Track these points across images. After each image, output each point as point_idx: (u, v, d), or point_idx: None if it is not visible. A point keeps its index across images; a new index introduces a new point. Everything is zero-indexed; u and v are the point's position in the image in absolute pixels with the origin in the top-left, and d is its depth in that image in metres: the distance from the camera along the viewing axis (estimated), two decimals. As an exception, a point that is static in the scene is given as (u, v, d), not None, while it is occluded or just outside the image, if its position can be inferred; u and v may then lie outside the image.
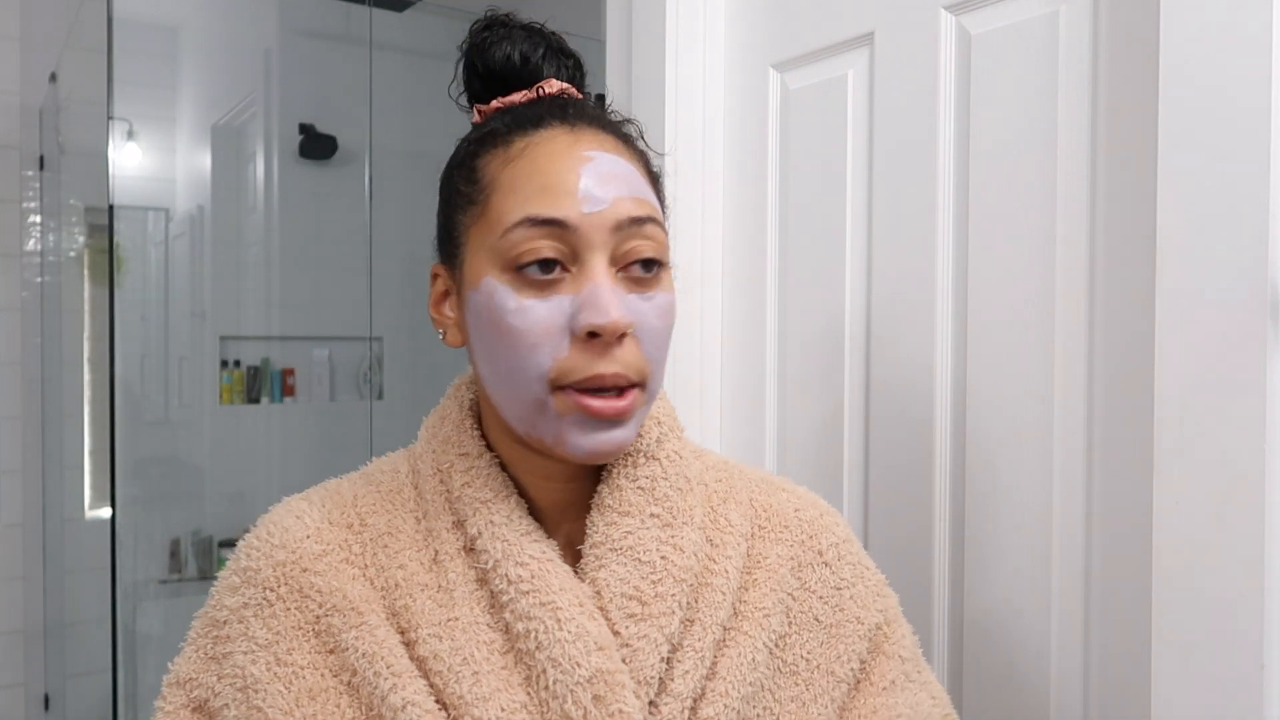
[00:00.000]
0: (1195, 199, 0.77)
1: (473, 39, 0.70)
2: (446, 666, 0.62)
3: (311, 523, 0.69)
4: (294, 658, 0.64)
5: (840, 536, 0.75)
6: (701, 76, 1.30)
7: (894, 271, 1.09)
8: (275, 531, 0.69)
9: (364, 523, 0.69)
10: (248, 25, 2.86)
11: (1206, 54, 0.76)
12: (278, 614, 0.66)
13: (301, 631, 0.65)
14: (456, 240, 0.67)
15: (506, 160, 0.64)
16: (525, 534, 0.65)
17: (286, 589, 0.66)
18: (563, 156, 0.62)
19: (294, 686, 0.63)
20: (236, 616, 0.67)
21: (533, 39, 0.69)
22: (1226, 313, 0.75)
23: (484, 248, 0.63)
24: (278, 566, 0.67)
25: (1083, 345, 0.92)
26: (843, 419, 1.15)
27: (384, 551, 0.67)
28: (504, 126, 0.66)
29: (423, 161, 2.96)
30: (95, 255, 2.45)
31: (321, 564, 0.66)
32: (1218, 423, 0.75)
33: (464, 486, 0.67)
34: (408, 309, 3.03)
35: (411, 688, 0.61)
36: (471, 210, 0.65)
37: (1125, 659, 0.88)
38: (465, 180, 0.66)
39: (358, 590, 0.65)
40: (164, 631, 2.62)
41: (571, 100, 0.68)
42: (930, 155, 1.04)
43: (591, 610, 0.63)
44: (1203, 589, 0.76)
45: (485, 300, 0.62)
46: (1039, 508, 0.95)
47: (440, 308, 0.70)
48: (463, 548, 0.66)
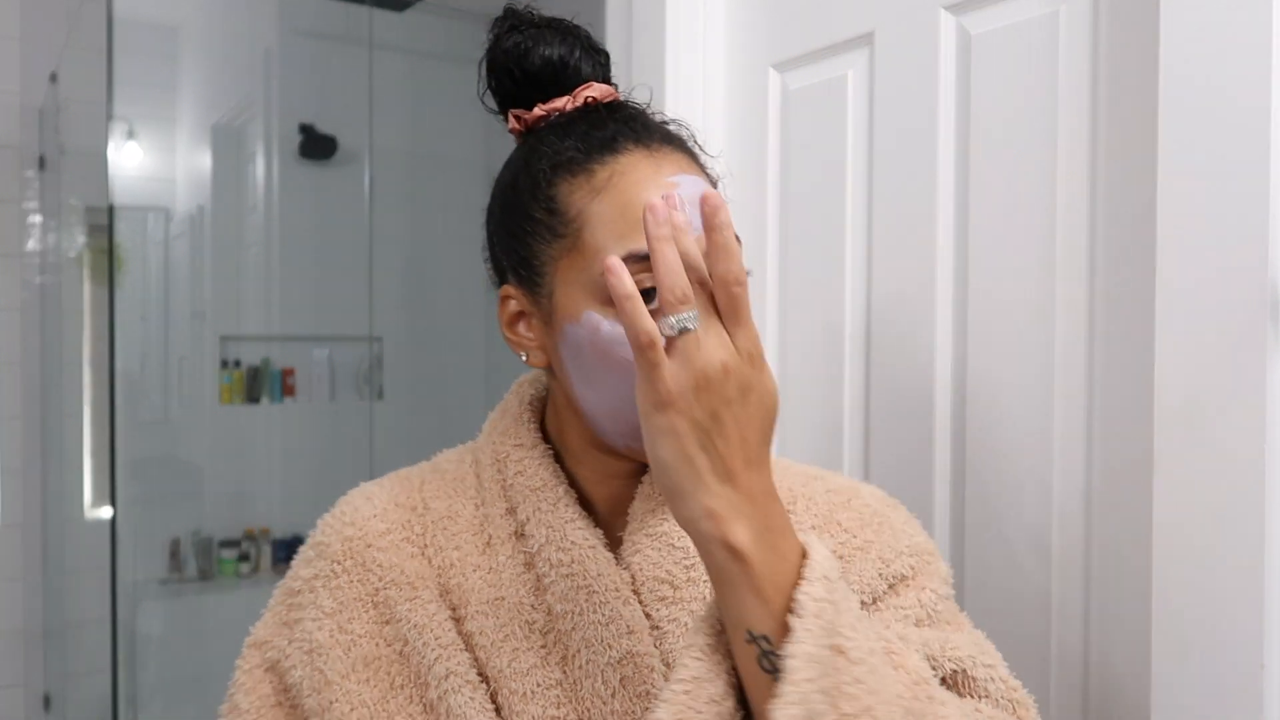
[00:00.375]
0: (1195, 199, 0.77)
1: (501, 42, 0.69)
2: (490, 641, 0.67)
3: (379, 504, 0.75)
4: (354, 626, 0.70)
5: (867, 511, 0.74)
6: (701, 76, 1.30)
7: (894, 272, 1.09)
8: (347, 511, 0.75)
9: (427, 506, 0.74)
10: (248, 25, 2.86)
11: (1206, 54, 0.76)
12: (342, 585, 0.71)
13: (362, 602, 0.70)
14: (538, 269, 0.67)
15: (592, 191, 0.64)
16: (569, 521, 0.68)
17: (352, 562, 0.72)
18: (649, 186, 0.64)
19: (352, 653, 0.69)
20: (308, 586, 0.73)
21: (566, 39, 0.69)
22: (1226, 313, 0.75)
23: (580, 282, 0.64)
24: (345, 542, 0.73)
25: (1083, 345, 0.92)
26: (843, 419, 1.15)
27: (443, 533, 0.72)
28: (578, 153, 0.66)
29: (423, 161, 2.96)
30: (95, 255, 2.45)
31: (384, 541, 0.72)
32: (1218, 423, 0.76)
33: (516, 475, 0.71)
34: (408, 309, 3.03)
35: (455, 659, 0.66)
36: (559, 243, 0.65)
37: (1125, 659, 0.88)
38: (545, 210, 0.66)
39: (415, 567, 0.70)
40: (164, 631, 2.62)
41: (636, 115, 0.69)
42: (930, 155, 1.04)
43: (627, 595, 0.66)
44: (1203, 589, 0.76)
45: (590, 334, 0.63)
46: (1039, 508, 0.95)
47: (515, 329, 0.71)
48: (513, 533, 0.70)
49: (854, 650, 0.52)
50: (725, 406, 0.53)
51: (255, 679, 0.73)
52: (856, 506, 0.75)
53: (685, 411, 0.52)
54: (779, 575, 0.53)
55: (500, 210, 0.71)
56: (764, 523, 0.53)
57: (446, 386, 3.12)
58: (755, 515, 0.53)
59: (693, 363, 0.52)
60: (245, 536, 2.79)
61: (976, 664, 0.65)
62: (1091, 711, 0.91)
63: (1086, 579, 0.92)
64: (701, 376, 0.52)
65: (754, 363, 0.54)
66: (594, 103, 0.69)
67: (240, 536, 2.79)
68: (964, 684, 0.65)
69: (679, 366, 0.52)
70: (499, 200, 0.71)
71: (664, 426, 0.53)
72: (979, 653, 0.66)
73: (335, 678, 0.68)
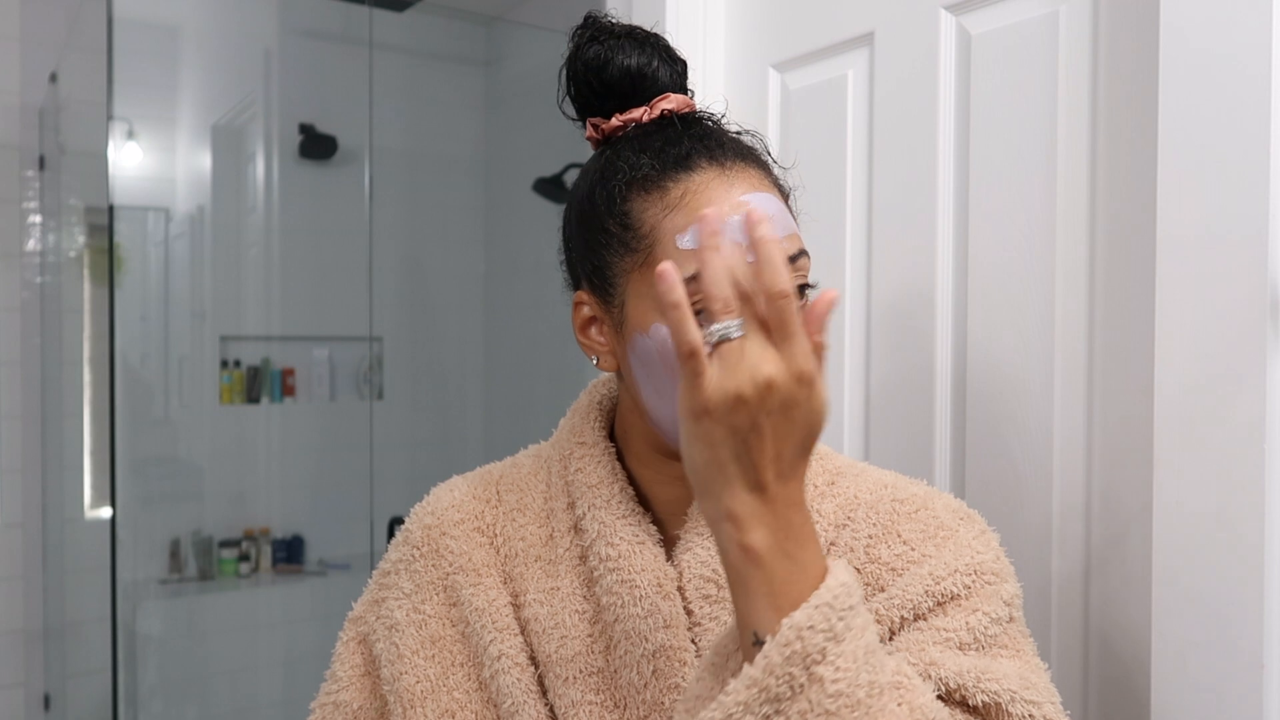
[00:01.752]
0: (1195, 199, 0.77)
1: (582, 52, 0.70)
2: (542, 628, 0.72)
3: (459, 495, 0.80)
4: (426, 607, 0.76)
5: (934, 521, 0.72)
6: (701, 76, 1.30)
7: (894, 271, 1.09)
8: (431, 501, 0.81)
9: (500, 498, 0.79)
10: (248, 25, 2.86)
11: (1206, 53, 0.76)
12: (419, 570, 0.78)
13: (434, 586, 0.77)
14: (610, 280, 0.69)
15: (665, 209, 0.66)
16: (622, 517, 0.71)
17: (428, 548, 0.78)
18: (722, 205, 0.65)
19: (423, 632, 0.75)
20: (394, 569, 0.80)
21: (645, 49, 0.70)
22: (1226, 313, 0.75)
23: (651, 295, 0.66)
24: (425, 530, 0.79)
25: (1083, 345, 0.92)
26: (843, 422, 1.15)
27: (511, 524, 0.77)
28: (653, 170, 0.67)
29: (423, 161, 2.96)
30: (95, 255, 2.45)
31: (458, 530, 0.78)
32: (1218, 423, 0.76)
33: (577, 472, 0.74)
34: (408, 309, 3.03)
35: (508, 643, 0.72)
36: (631, 257, 0.67)
37: (1125, 659, 0.88)
38: (619, 225, 0.68)
39: (482, 555, 0.76)
40: (164, 631, 2.62)
41: (710, 131, 0.70)
42: (930, 155, 1.04)
43: (669, 591, 0.69)
44: (1203, 589, 0.76)
45: (660, 346, 0.65)
46: (1039, 508, 0.95)
47: (588, 333, 0.73)
48: (571, 527, 0.74)
49: (836, 683, 0.52)
50: (765, 418, 0.52)
51: (350, 650, 0.81)
52: (923, 518, 0.72)
53: (721, 421, 0.52)
54: (794, 584, 0.53)
55: (576, 220, 0.72)
56: (785, 531, 0.54)
57: (446, 386, 3.13)
58: (777, 523, 0.54)
59: (734, 374, 0.52)
60: (245, 536, 2.79)
61: (1016, 699, 0.62)
62: (1092, 710, 0.91)
63: (1086, 579, 0.92)
64: (741, 389, 0.52)
65: (802, 381, 0.53)
66: (670, 115, 0.70)
67: (240, 536, 2.79)
68: (996, 717, 0.63)
69: (720, 376, 0.53)
70: (575, 209, 0.73)
71: (699, 433, 0.53)
72: (1023, 688, 0.63)
73: (407, 653, 0.74)
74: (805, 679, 0.52)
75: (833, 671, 0.52)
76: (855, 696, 0.52)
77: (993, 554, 0.70)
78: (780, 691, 0.52)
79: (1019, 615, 0.70)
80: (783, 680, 0.51)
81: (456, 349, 3.09)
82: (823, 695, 0.52)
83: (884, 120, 1.10)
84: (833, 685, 0.52)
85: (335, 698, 0.79)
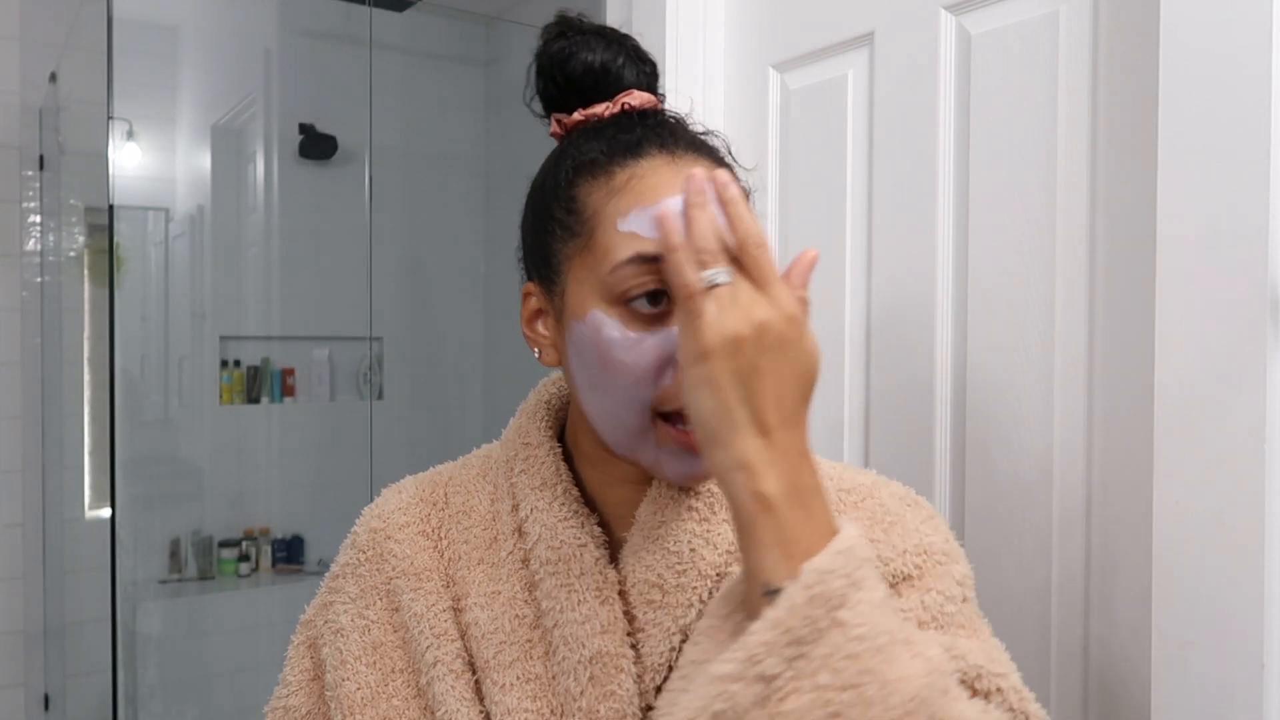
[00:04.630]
0: (1195, 199, 0.77)
1: (548, 47, 0.70)
2: (482, 633, 0.70)
3: (406, 498, 0.78)
4: (369, 613, 0.74)
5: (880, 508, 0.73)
6: (701, 76, 1.30)
7: (894, 271, 1.09)
8: (379, 504, 0.80)
9: (448, 500, 0.77)
10: (248, 25, 2.86)
11: (1206, 53, 0.76)
12: (363, 574, 0.76)
13: (377, 591, 0.75)
14: (555, 267, 0.68)
15: (610, 193, 0.65)
16: (564, 520, 0.69)
17: (373, 552, 0.76)
18: (666, 189, 0.63)
19: (365, 638, 0.73)
20: (342, 573, 0.78)
21: (611, 46, 0.70)
22: (1226, 312, 0.75)
23: (589, 280, 0.64)
24: (371, 533, 0.77)
25: (1083, 345, 0.92)
26: (843, 421, 1.15)
27: (456, 527, 0.75)
28: (602, 155, 0.66)
29: (423, 161, 2.96)
30: (95, 255, 2.45)
31: (402, 534, 0.76)
32: (1218, 423, 0.76)
33: (520, 474, 0.73)
34: (408, 309, 3.03)
35: (445, 649, 0.70)
36: (574, 241, 0.66)
37: (1125, 659, 0.88)
38: (564, 210, 0.67)
39: (425, 559, 0.74)
40: (164, 631, 2.62)
41: (665, 122, 0.69)
42: (930, 155, 1.04)
43: (608, 595, 0.67)
44: (1203, 589, 0.76)
45: (592, 333, 0.64)
46: (1039, 508, 0.95)
47: (534, 326, 0.72)
48: (515, 529, 0.72)
49: (859, 627, 0.52)
50: (763, 358, 0.54)
51: (300, 654, 0.79)
52: (869, 506, 0.73)
53: (723, 361, 0.54)
54: (806, 534, 0.54)
55: (529, 210, 0.72)
56: (795, 480, 0.54)
57: (446, 386, 3.13)
58: (787, 471, 0.54)
59: (729, 316, 0.55)
60: (245, 536, 2.79)
61: (984, 674, 0.63)
62: (1092, 710, 0.91)
63: (1087, 579, 0.92)
64: (739, 329, 0.54)
65: (792, 322, 0.55)
66: (630, 109, 0.69)
67: (240, 536, 2.79)
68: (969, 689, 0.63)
69: (717, 319, 0.55)
70: (529, 200, 0.72)
71: (703, 376, 0.55)
72: (988, 661, 0.64)
73: (349, 659, 0.73)
74: (828, 622, 0.51)
75: (855, 616, 0.52)
76: (877, 643, 0.52)
77: (941, 536, 0.71)
78: (803, 634, 0.51)
79: (972, 595, 0.71)
80: (806, 622, 0.51)
81: (456, 349, 3.09)
82: (845, 639, 0.51)
83: (884, 120, 1.10)
84: (855, 629, 0.51)
85: (285, 702, 0.78)
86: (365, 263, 2.81)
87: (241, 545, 2.78)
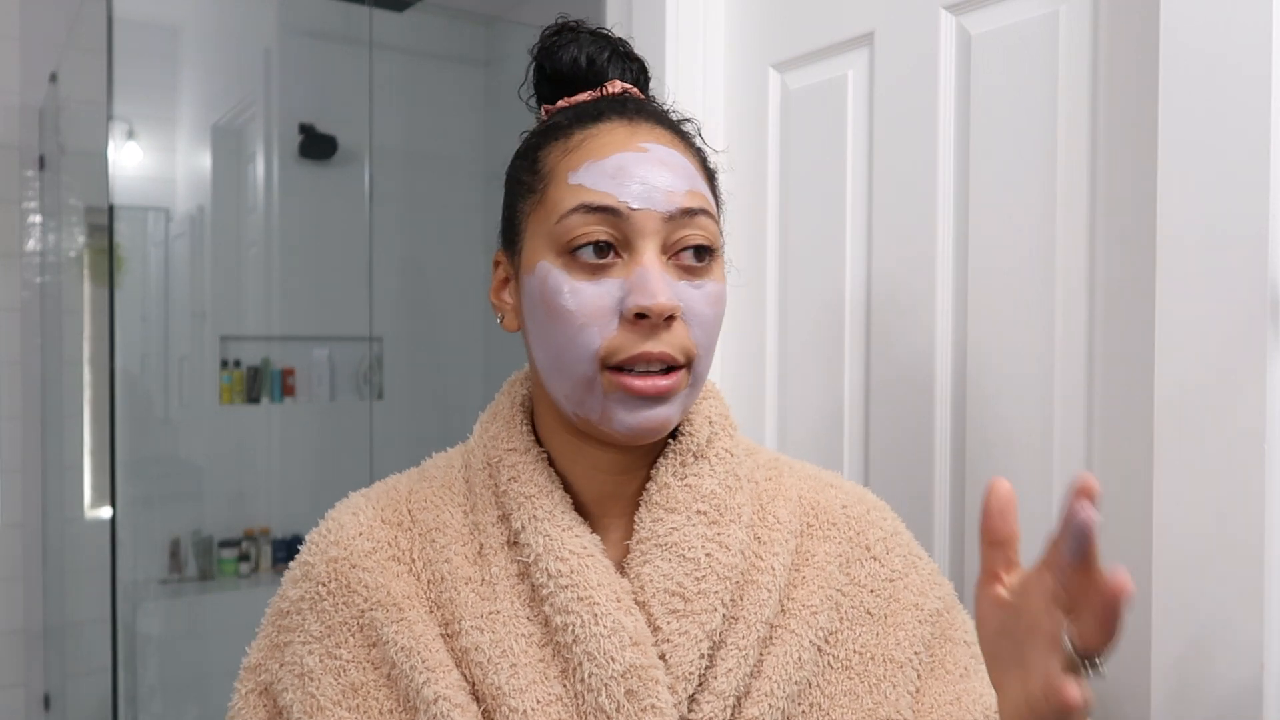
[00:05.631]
0: (1195, 199, 0.77)
1: (542, 43, 0.72)
2: (486, 658, 0.64)
3: (365, 520, 0.72)
4: (341, 652, 0.68)
5: (888, 530, 0.76)
6: (701, 76, 1.30)
7: (894, 271, 1.09)
8: (333, 529, 0.72)
9: (414, 519, 0.71)
10: (248, 25, 2.86)
11: (1206, 53, 0.76)
12: (328, 609, 0.69)
13: (348, 626, 0.68)
14: (517, 228, 0.69)
15: (565, 151, 0.66)
16: (567, 529, 0.67)
17: (336, 584, 0.69)
18: (619, 147, 0.65)
19: (341, 680, 0.67)
20: (296, 609, 0.71)
21: (599, 43, 0.72)
22: (1226, 313, 0.75)
23: (540, 234, 0.66)
24: (330, 563, 0.70)
25: (1082, 345, 0.92)
26: (843, 416, 1.15)
27: (431, 546, 0.69)
28: (566, 120, 0.68)
29: (423, 161, 2.96)
30: (95, 255, 2.45)
31: (369, 561, 0.69)
32: (1218, 423, 0.75)
33: (510, 481, 0.69)
34: (408, 309, 3.03)
35: (444, 681, 0.64)
36: (531, 199, 0.67)
37: (1125, 660, 0.88)
38: (527, 171, 0.69)
39: (401, 586, 0.68)
40: (164, 631, 2.62)
41: (632, 98, 0.70)
42: (930, 155, 1.04)
43: (629, 605, 0.64)
44: (1203, 590, 0.76)
45: (539, 283, 0.65)
46: (1039, 508, 0.95)
47: (500, 294, 0.72)
48: (506, 541, 0.68)
49: None
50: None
51: (250, 704, 0.72)
52: (876, 522, 0.76)
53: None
54: None
55: (505, 184, 0.73)
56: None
57: (446, 386, 3.12)
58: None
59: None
60: (245, 536, 2.79)
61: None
62: (1091, 711, 0.91)
63: (1086, 579, 0.92)
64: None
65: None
66: (607, 94, 0.71)
67: (240, 536, 2.79)
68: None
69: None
70: (505, 175, 0.73)
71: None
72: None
73: (326, 704, 0.66)
74: None
75: None
76: None
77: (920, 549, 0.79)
78: None
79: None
80: None
81: (456, 349, 3.09)
82: None
83: (884, 120, 1.10)
84: None
85: None
86: (365, 263, 2.81)
87: (241, 545, 2.77)
